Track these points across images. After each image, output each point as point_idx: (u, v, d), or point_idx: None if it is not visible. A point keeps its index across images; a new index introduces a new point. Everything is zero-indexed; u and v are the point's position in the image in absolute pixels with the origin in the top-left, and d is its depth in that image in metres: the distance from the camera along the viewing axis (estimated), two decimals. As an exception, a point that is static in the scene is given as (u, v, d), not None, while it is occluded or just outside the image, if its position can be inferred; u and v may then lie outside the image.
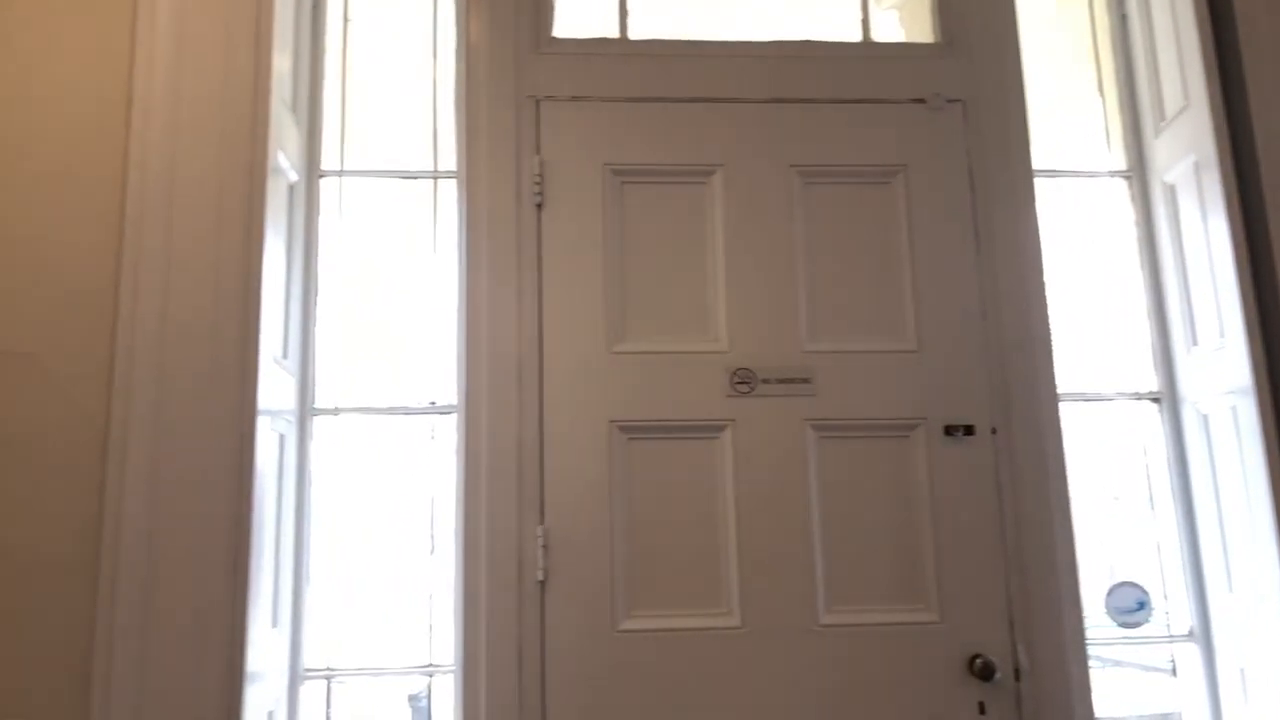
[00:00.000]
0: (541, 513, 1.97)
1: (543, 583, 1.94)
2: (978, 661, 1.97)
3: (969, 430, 2.07)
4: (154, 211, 1.87)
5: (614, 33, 2.23)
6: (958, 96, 2.22)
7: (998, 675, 1.97)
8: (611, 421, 2.02)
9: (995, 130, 2.21)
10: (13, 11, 1.94)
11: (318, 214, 2.30)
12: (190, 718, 1.72)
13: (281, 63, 2.08)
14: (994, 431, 2.07)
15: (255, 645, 1.83)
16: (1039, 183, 2.28)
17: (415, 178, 2.31)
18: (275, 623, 2.01)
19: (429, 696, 2.09)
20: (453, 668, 1.99)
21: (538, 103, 2.13)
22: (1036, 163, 2.24)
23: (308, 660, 2.12)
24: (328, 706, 2.10)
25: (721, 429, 2.04)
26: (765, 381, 2.06)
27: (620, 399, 2.03)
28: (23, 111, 1.91)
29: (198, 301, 1.86)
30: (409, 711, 2.09)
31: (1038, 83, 2.43)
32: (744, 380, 2.06)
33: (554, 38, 2.19)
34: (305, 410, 2.23)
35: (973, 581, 2.01)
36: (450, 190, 2.29)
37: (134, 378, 1.81)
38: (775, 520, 2.01)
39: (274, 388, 1.99)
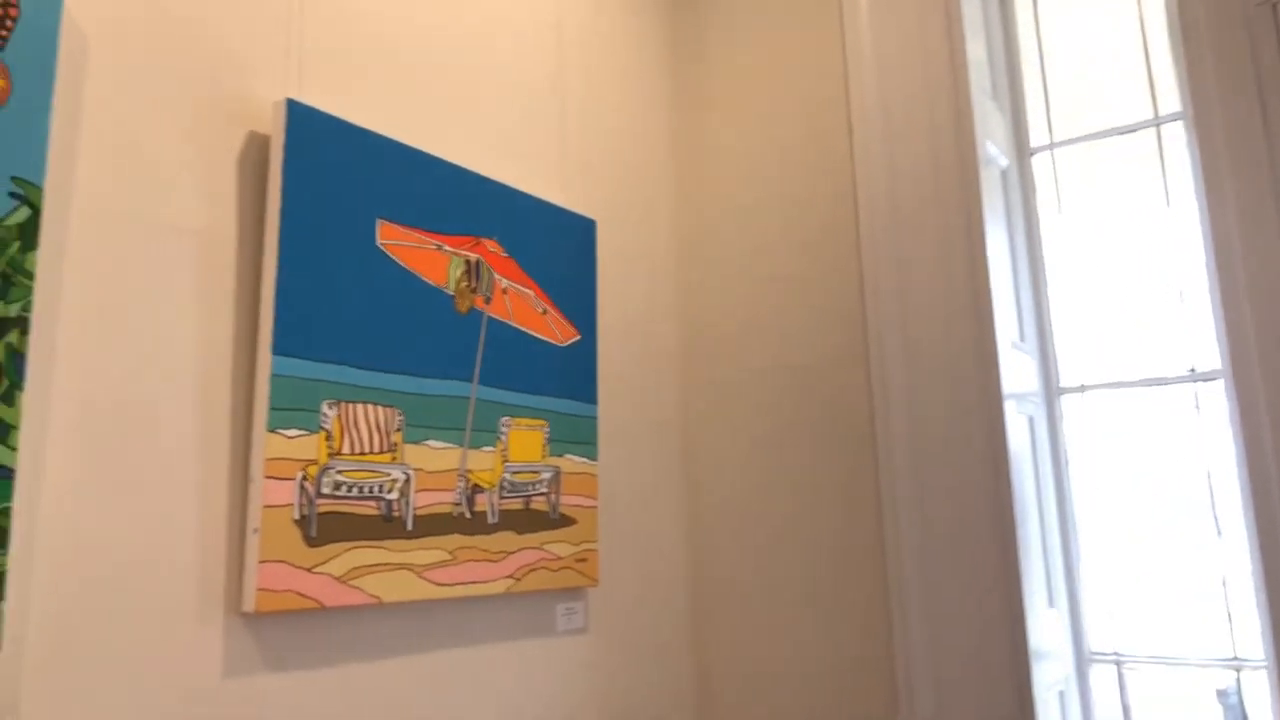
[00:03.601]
0: (1357, 486, 1.64)
1: (1372, 570, 1.61)
2: None
3: None
4: (880, 218, 2.06)
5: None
6: None
7: None
8: None
9: None
10: (749, 56, 2.33)
11: (1034, 193, 2.28)
12: (982, 693, 1.83)
13: (976, 51, 2.11)
14: None
15: (1034, 624, 1.87)
16: None
17: (1134, 130, 2.13)
18: (1051, 603, 2.03)
19: (1239, 693, 1.88)
20: (1263, 663, 1.76)
21: (1275, 7, 1.80)
22: None
23: (1092, 643, 2.09)
24: (1121, 692, 2.03)
25: None
26: None
27: None
28: (779, 160, 2.27)
29: (930, 298, 1.99)
30: (1219, 709, 1.91)
31: None
32: None
33: (1287, -81, 1.83)
34: (1051, 391, 2.21)
35: None
36: (1176, 134, 2.06)
37: (887, 377, 2.01)
38: None
39: (1015, 371, 2.02)
